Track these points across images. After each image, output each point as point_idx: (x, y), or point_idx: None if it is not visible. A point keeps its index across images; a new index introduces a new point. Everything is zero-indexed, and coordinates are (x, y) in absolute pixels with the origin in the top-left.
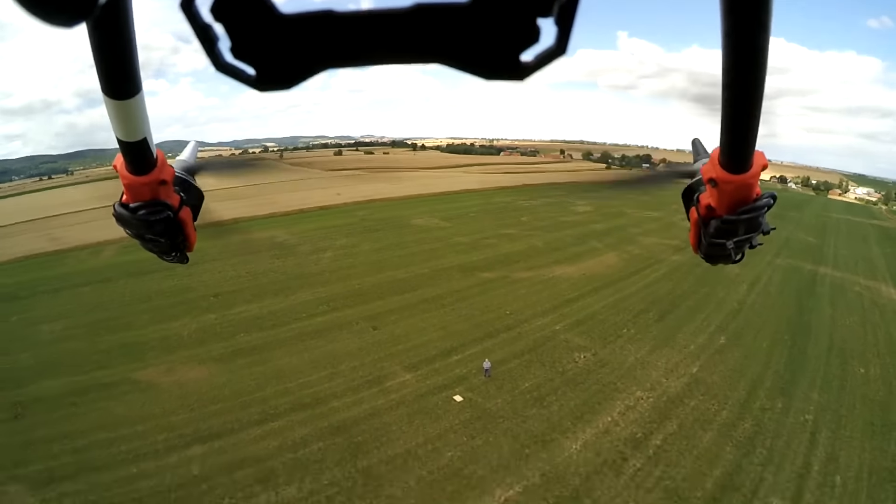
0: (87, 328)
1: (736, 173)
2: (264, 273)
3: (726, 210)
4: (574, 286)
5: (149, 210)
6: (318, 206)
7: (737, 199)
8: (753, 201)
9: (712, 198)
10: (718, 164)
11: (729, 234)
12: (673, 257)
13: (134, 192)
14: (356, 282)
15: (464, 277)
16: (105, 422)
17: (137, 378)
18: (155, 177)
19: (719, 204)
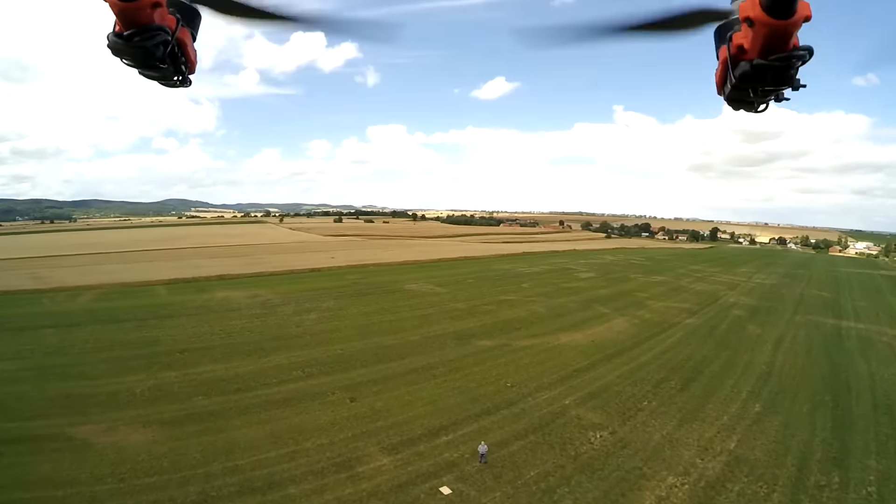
0: (38, 372)
1: (776, 17)
2: (240, 332)
3: (758, 54)
4: (583, 354)
5: (144, 35)
6: (309, 268)
7: (771, 44)
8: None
9: (746, 38)
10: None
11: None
12: (687, 321)
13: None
14: (338, 347)
15: (459, 345)
16: (23, 479)
17: (74, 434)
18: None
19: (752, 46)
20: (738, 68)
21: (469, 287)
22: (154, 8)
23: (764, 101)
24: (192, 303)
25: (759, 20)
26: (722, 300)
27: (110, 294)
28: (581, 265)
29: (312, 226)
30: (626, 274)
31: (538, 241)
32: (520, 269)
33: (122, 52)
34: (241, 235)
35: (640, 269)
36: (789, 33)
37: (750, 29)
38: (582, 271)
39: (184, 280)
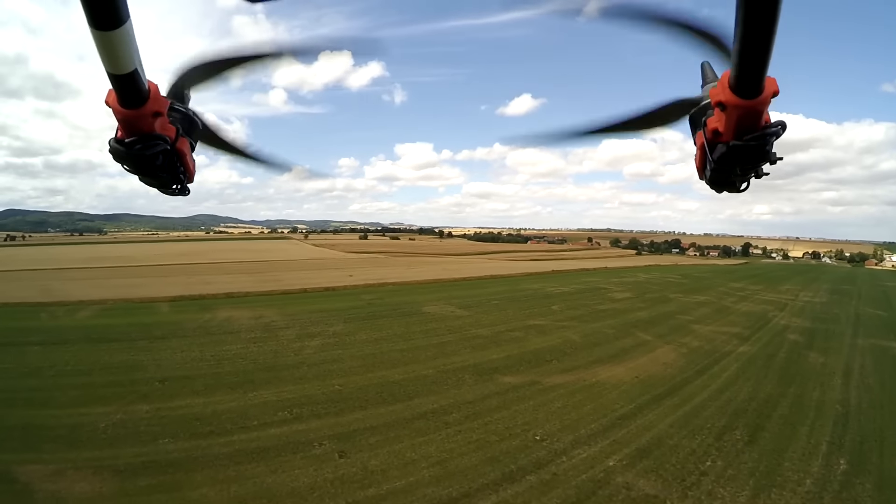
0: (6, 395)
1: (746, 98)
2: (231, 359)
3: (733, 135)
4: (626, 395)
5: (144, 144)
6: (323, 287)
7: (745, 124)
8: (762, 128)
9: (720, 122)
10: (728, 88)
11: (734, 161)
12: (740, 348)
13: (128, 126)
14: (337, 381)
15: (479, 383)
16: None
17: (18, 475)
18: (149, 109)
19: (726, 129)
20: (716, 151)
21: (494, 310)
22: (155, 117)
23: (745, 180)
24: (190, 322)
25: (730, 103)
26: (773, 322)
27: (111, 310)
28: (615, 284)
29: (336, 242)
30: (665, 293)
31: (567, 259)
32: (549, 289)
33: (121, 157)
34: (262, 251)
35: (679, 288)
36: (760, 111)
37: (722, 112)
38: (616, 291)
39: (190, 297)
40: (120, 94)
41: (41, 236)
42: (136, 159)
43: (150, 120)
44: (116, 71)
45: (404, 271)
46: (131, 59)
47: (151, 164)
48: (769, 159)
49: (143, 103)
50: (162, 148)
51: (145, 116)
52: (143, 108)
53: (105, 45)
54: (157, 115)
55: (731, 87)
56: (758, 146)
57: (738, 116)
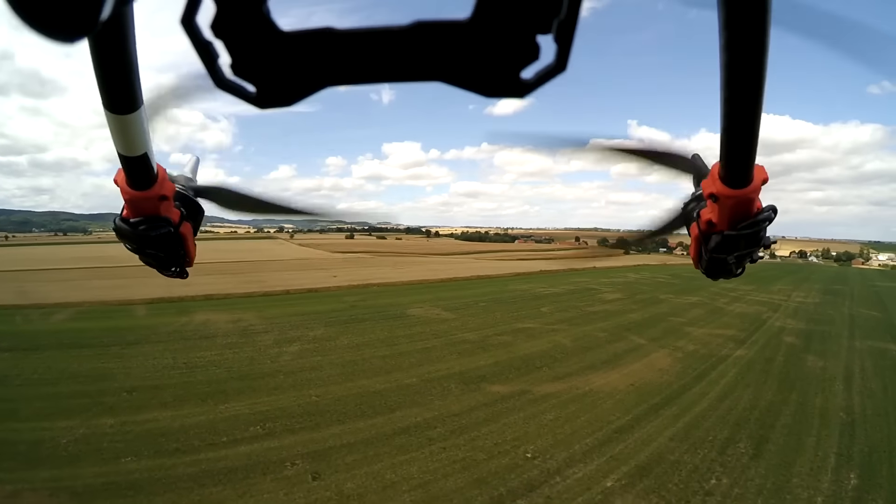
0: None
1: (736, 188)
2: (205, 366)
3: (727, 225)
4: (622, 405)
5: (149, 225)
6: (306, 289)
7: (737, 213)
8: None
9: (713, 213)
10: (718, 179)
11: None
12: (737, 352)
13: (135, 206)
14: (314, 392)
15: (465, 392)
16: None
17: None
18: (156, 192)
19: (720, 219)
20: (711, 241)
21: (481, 312)
22: (161, 200)
23: (741, 266)
24: (166, 327)
25: (721, 194)
26: (768, 324)
27: (87, 313)
28: (604, 284)
29: (322, 242)
30: (656, 294)
31: (555, 258)
32: (538, 290)
33: (125, 236)
34: (246, 251)
35: (670, 289)
36: (751, 199)
37: (715, 203)
38: (607, 291)
39: (168, 299)
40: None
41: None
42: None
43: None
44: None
45: (390, 272)
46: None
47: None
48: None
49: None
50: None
51: (152, 199)
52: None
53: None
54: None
55: (721, 178)
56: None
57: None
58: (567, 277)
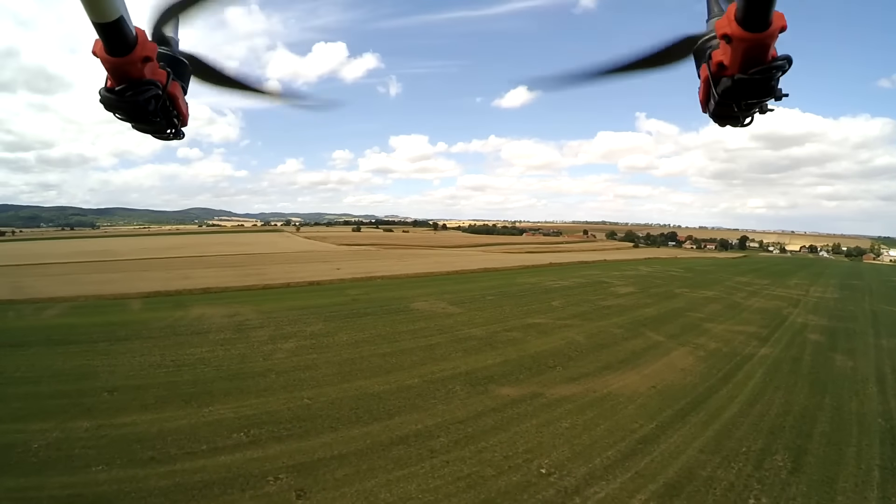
0: None
1: (752, 31)
2: (193, 364)
3: (738, 69)
4: (644, 410)
5: (136, 90)
6: (307, 282)
7: (750, 57)
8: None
9: (725, 55)
10: (734, 20)
11: (739, 95)
12: (762, 351)
13: (117, 73)
14: (307, 394)
15: (472, 395)
16: None
17: None
18: (137, 55)
19: (732, 62)
20: (720, 85)
21: (489, 306)
22: (144, 63)
23: (749, 115)
24: (159, 322)
25: (735, 35)
26: (789, 321)
27: (81, 308)
28: (616, 278)
29: (328, 235)
30: (670, 288)
31: (564, 252)
32: (548, 283)
33: (113, 106)
34: (250, 244)
35: (684, 283)
36: (766, 45)
37: (728, 45)
38: (619, 285)
39: (165, 293)
40: (107, 42)
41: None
42: (129, 106)
43: (140, 66)
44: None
45: (394, 264)
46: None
47: (144, 111)
48: (774, 95)
49: (131, 50)
50: (154, 93)
51: (134, 63)
52: (131, 55)
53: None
54: (146, 61)
55: (738, 19)
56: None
57: (744, 50)
58: (577, 270)
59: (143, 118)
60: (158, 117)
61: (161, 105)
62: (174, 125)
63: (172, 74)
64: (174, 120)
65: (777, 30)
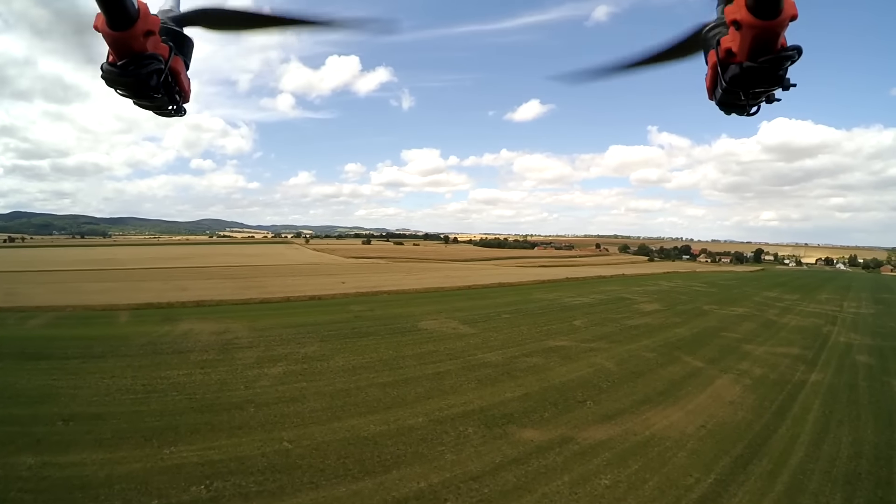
0: None
1: (762, 18)
2: (164, 391)
3: (747, 56)
4: (697, 458)
5: (137, 64)
6: (308, 296)
7: (759, 45)
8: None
9: (734, 42)
10: (744, 7)
11: (747, 83)
12: (811, 376)
13: (119, 47)
14: (288, 434)
15: (487, 441)
16: None
17: None
18: (139, 29)
19: (740, 49)
20: (728, 72)
21: (504, 326)
22: (147, 37)
23: (755, 104)
24: (141, 337)
25: (745, 22)
26: (832, 340)
27: (66, 319)
28: (638, 294)
29: (337, 247)
30: (698, 305)
31: (578, 266)
32: (567, 300)
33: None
34: (257, 256)
35: (710, 298)
36: (776, 34)
37: (737, 32)
38: (643, 302)
39: (157, 305)
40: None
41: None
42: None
43: (142, 40)
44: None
45: (403, 278)
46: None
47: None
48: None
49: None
50: (156, 67)
51: (136, 37)
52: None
53: None
54: (148, 35)
55: (748, 5)
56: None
57: (754, 37)
58: (595, 286)
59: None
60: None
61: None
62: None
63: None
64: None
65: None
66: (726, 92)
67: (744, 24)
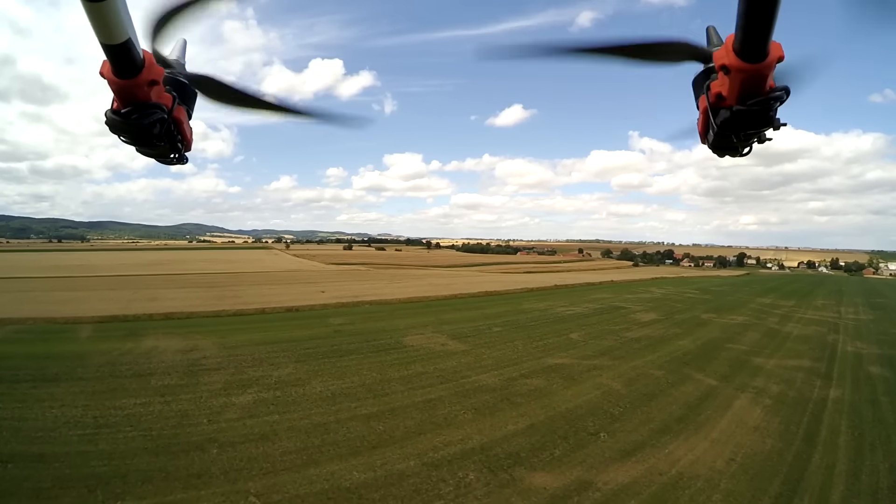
0: None
1: (750, 62)
2: (116, 425)
3: (736, 100)
4: (734, 501)
5: (141, 113)
6: (286, 307)
7: (749, 88)
8: (766, 93)
9: (723, 86)
10: (732, 51)
11: (738, 126)
12: (830, 393)
13: (124, 95)
14: (255, 486)
15: (492, 490)
16: None
17: None
18: (144, 78)
19: (730, 93)
20: (719, 116)
21: (497, 341)
22: (151, 86)
23: (747, 145)
24: (101, 356)
25: (734, 67)
26: (839, 350)
27: (24, 333)
28: (631, 302)
29: (318, 253)
30: (695, 314)
31: (564, 272)
32: (559, 310)
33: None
34: (235, 262)
35: (706, 306)
36: (764, 76)
37: (726, 76)
38: (638, 311)
39: (122, 317)
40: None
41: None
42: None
43: (146, 89)
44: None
45: (385, 286)
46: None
47: (149, 134)
48: (772, 125)
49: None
50: (159, 117)
51: (141, 86)
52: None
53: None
54: (152, 84)
55: (736, 50)
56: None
57: (742, 80)
58: (586, 293)
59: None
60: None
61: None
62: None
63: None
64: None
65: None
66: (718, 136)
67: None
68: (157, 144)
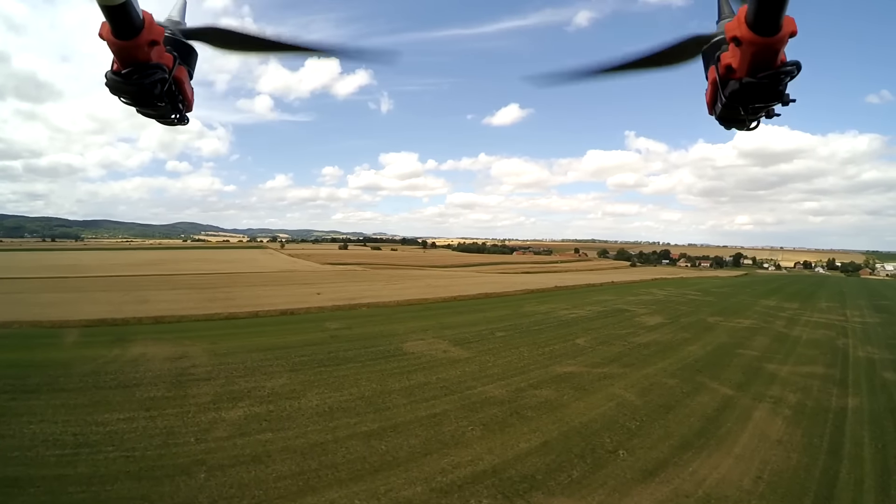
0: None
1: (762, 34)
2: (96, 444)
3: (746, 72)
4: None
5: (142, 74)
6: (279, 310)
7: (759, 61)
8: (777, 67)
9: (734, 58)
10: (744, 23)
11: (746, 98)
12: (849, 402)
13: (123, 56)
14: None
15: None
16: None
17: None
18: (144, 38)
19: (740, 65)
20: (728, 87)
21: (501, 347)
22: (151, 46)
23: (755, 119)
24: (85, 364)
25: (745, 39)
26: (852, 356)
27: (8, 339)
28: (635, 304)
29: (313, 253)
30: (701, 317)
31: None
32: (562, 313)
33: (119, 90)
34: (229, 262)
35: (711, 309)
36: (776, 50)
37: (737, 48)
38: (643, 314)
39: (111, 321)
40: (113, 25)
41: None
42: (135, 90)
43: (146, 49)
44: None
45: (383, 288)
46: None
47: (150, 95)
48: (782, 99)
49: (138, 33)
50: (160, 76)
51: (141, 46)
52: (138, 38)
53: None
54: (153, 45)
55: (748, 22)
56: (771, 85)
57: (753, 53)
58: (587, 295)
59: (148, 102)
60: (164, 101)
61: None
62: (179, 110)
63: (179, 59)
64: (179, 105)
65: (787, 34)
66: (726, 107)
67: (744, 41)
68: (158, 105)
